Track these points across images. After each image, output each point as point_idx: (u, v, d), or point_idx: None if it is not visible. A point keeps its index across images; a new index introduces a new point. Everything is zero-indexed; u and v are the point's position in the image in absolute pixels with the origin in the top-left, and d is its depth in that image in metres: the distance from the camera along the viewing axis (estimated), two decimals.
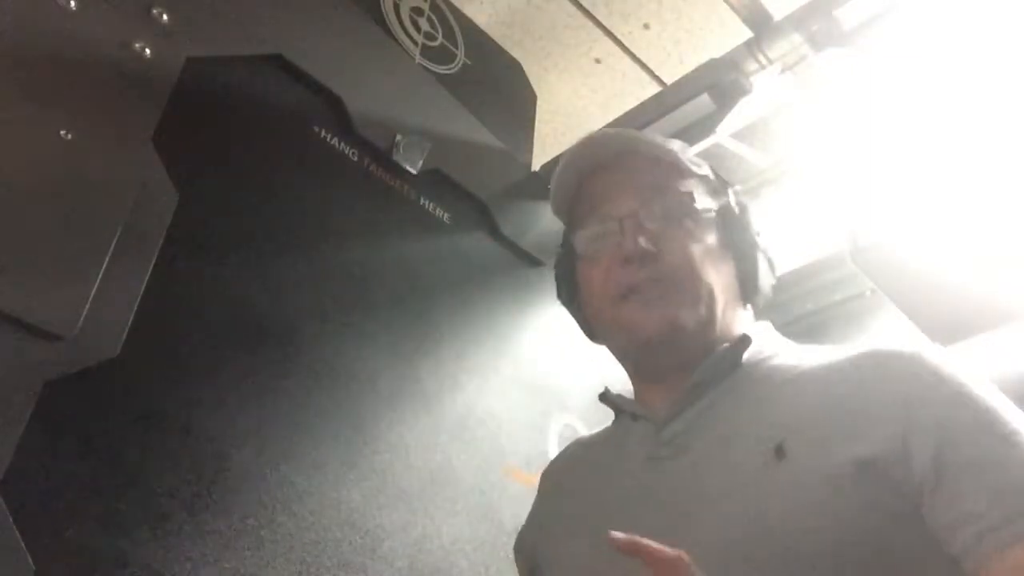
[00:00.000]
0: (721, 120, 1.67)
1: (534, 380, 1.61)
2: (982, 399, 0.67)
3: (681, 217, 0.81)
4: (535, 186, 1.87)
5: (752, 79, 1.64)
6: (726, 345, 0.79)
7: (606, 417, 0.95)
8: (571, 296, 0.90)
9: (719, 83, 1.64)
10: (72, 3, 1.10)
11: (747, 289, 0.84)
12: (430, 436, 1.36)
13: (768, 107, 1.73)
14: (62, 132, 1.03)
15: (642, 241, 0.78)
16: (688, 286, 0.78)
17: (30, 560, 0.86)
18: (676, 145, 0.87)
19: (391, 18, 1.74)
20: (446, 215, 1.61)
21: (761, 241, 0.86)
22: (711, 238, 0.82)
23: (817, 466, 0.65)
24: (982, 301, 1.51)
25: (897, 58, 1.57)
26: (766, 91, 1.66)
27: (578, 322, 0.93)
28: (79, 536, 0.92)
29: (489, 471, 1.42)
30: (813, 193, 1.98)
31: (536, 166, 1.96)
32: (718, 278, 0.80)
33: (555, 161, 1.94)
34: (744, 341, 0.79)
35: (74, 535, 0.91)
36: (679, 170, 0.84)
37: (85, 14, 1.11)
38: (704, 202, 0.83)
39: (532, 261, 1.76)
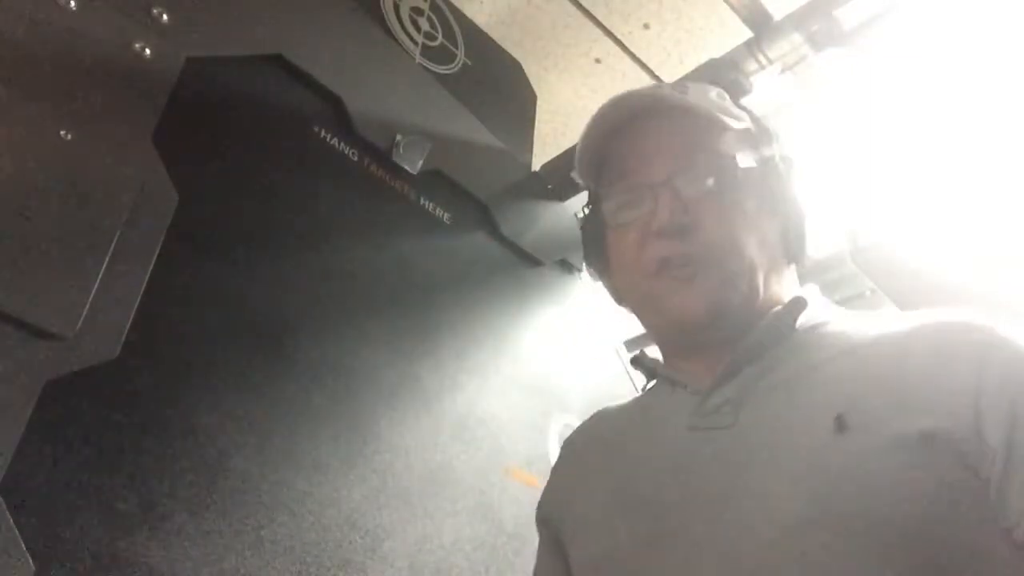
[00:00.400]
0: None
1: (534, 380, 1.62)
2: None
3: (720, 182, 0.74)
4: (535, 186, 1.88)
5: (752, 79, 1.64)
6: (778, 308, 0.73)
7: None
8: (600, 264, 0.84)
9: (719, 83, 1.63)
10: (72, 3, 1.10)
11: (792, 249, 0.78)
12: (430, 436, 1.36)
13: (768, 107, 1.73)
14: (62, 132, 1.03)
15: (678, 212, 0.72)
16: (728, 261, 0.72)
17: (30, 560, 0.86)
18: (714, 95, 0.80)
19: (391, 18, 1.74)
20: (446, 215, 1.61)
21: (805, 197, 0.79)
22: (753, 199, 0.75)
23: (880, 438, 0.61)
24: (982, 301, 1.51)
25: (897, 58, 1.57)
26: (766, 91, 1.65)
27: (607, 289, 0.87)
28: (79, 536, 0.92)
29: (489, 471, 1.42)
30: (813, 193, 1.97)
31: (536, 166, 1.96)
32: (761, 244, 0.75)
33: (555, 161, 1.94)
34: (798, 304, 0.73)
35: (74, 535, 0.91)
36: (718, 126, 0.76)
37: (85, 14, 1.11)
38: (745, 160, 0.76)
39: (532, 261, 1.76)
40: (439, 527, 1.30)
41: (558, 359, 1.69)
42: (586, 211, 0.85)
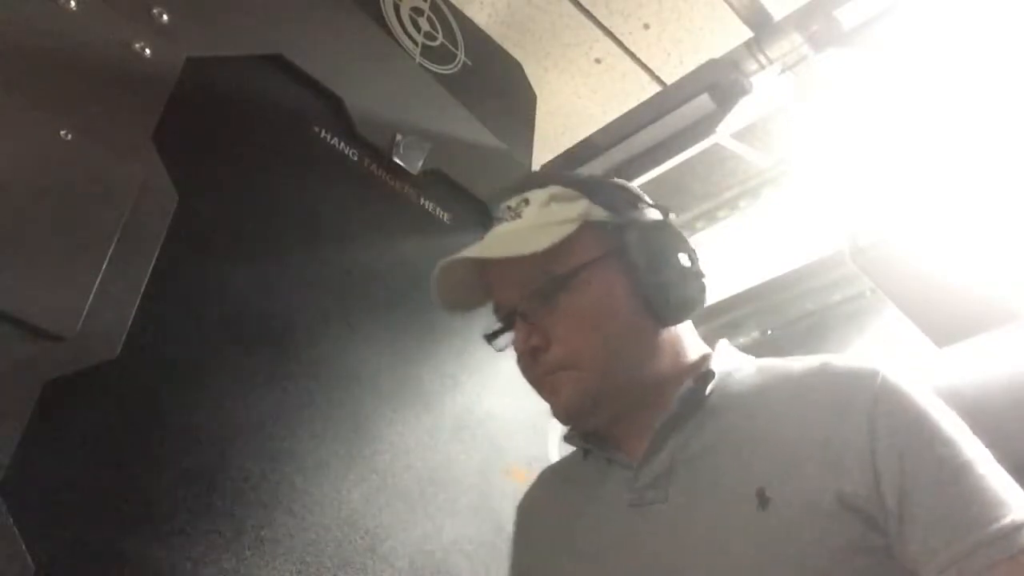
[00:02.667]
0: (721, 120, 1.67)
1: None
2: (939, 427, 0.67)
3: (562, 295, 0.80)
4: None
5: (752, 79, 1.64)
6: (689, 384, 0.78)
7: None
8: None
9: (719, 83, 1.64)
10: (72, 3, 1.10)
11: (664, 315, 0.81)
12: (430, 436, 1.36)
13: (768, 107, 1.73)
14: (62, 132, 1.03)
15: (531, 337, 0.80)
16: (587, 363, 0.78)
17: (30, 560, 0.86)
18: (550, 205, 0.83)
19: (391, 18, 1.74)
20: (446, 215, 1.61)
21: (668, 249, 0.82)
22: (605, 289, 0.80)
23: (801, 510, 0.66)
24: (982, 301, 1.51)
25: (897, 58, 1.57)
26: (766, 91, 1.66)
27: None
28: (79, 536, 0.92)
29: (489, 471, 1.42)
30: (813, 193, 1.98)
31: (536, 166, 1.96)
32: (627, 328, 0.80)
33: (555, 161, 1.94)
34: (707, 376, 0.79)
35: (74, 535, 0.91)
36: (547, 251, 0.79)
37: (85, 14, 1.11)
38: (588, 254, 0.81)
39: None
40: (439, 527, 1.30)
41: None
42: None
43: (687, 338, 0.85)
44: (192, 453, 1.05)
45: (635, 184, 0.94)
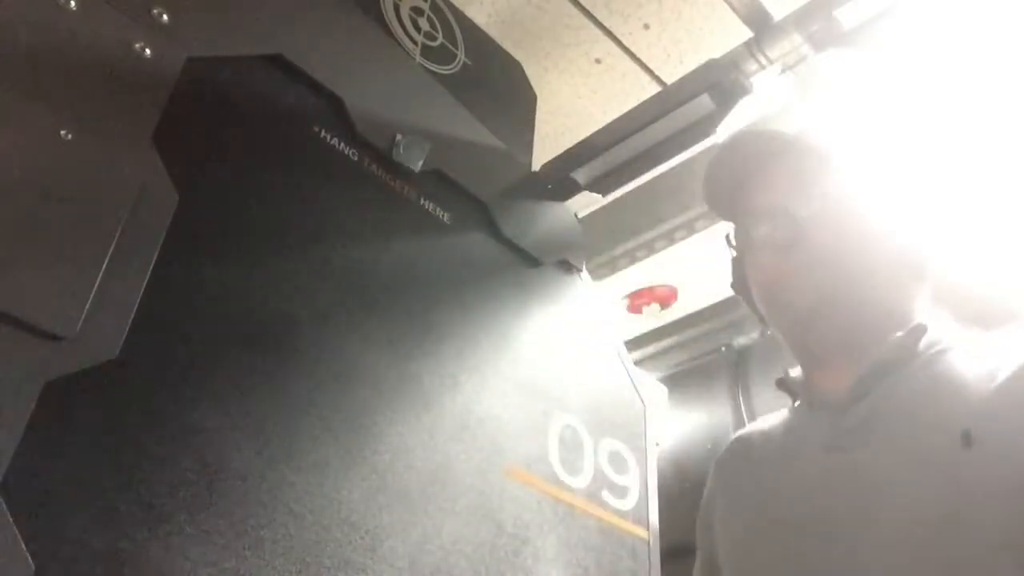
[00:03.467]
0: (721, 120, 1.66)
1: (534, 380, 1.61)
2: None
3: (832, 200, 0.81)
4: (535, 186, 1.88)
5: (752, 79, 1.64)
6: (900, 334, 0.78)
7: (605, 417, 0.96)
8: (742, 287, 0.93)
9: (719, 83, 1.64)
10: (72, 3, 1.10)
11: (914, 264, 0.83)
12: (430, 436, 1.36)
13: (768, 107, 1.73)
14: (62, 132, 1.03)
15: (790, 228, 0.81)
16: (840, 265, 0.79)
17: (30, 560, 0.86)
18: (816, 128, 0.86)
19: (391, 18, 1.74)
20: (446, 215, 1.61)
21: (914, 200, 0.85)
22: (859, 212, 0.82)
23: (1008, 450, 0.63)
24: (982, 300, 1.50)
25: (897, 58, 1.57)
26: (766, 91, 1.65)
27: (753, 311, 0.95)
28: (79, 536, 0.92)
29: (489, 471, 1.42)
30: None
31: (536, 166, 1.96)
32: (880, 255, 0.81)
33: (555, 161, 1.94)
34: (918, 330, 0.78)
35: (74, 535, 0.91)
36: (822, 155, 0.83)
37: (85, 14, 1.11)
38: (844, 183, 0.82)
39: (532, 261, 1.76)
40: (439, 527, 1.30)
41: (558, 359, 1.69)
42: (729, 244, 0.94)
43: (919, 301, 0.84)
44: (192, 453, 1.05)
45: (635, 185, 0.96)
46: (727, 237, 0.93)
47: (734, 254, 0.93)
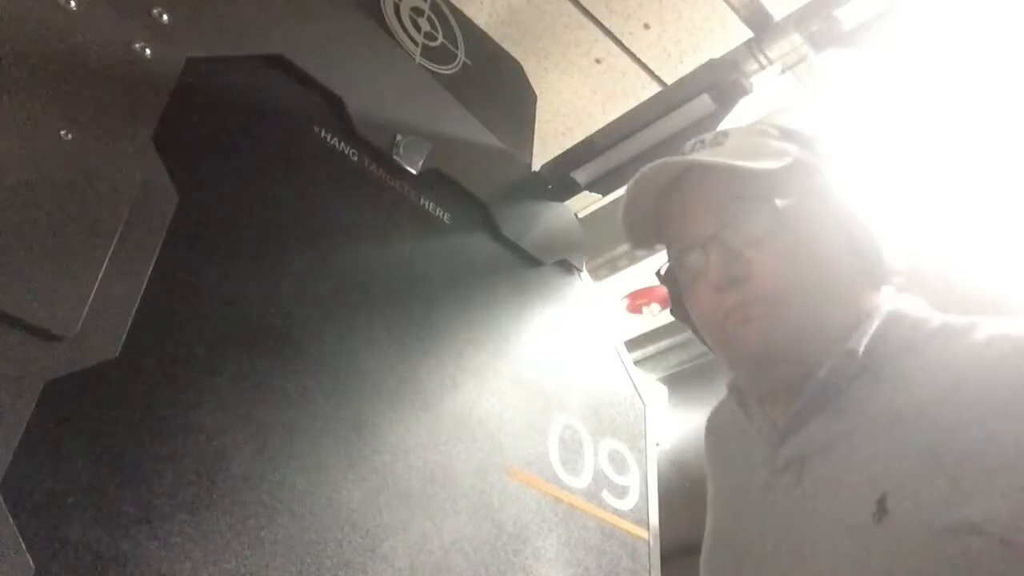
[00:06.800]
0: (721, 120, 1.67)
1: (534, 380, 1.62)
2: None
3: (769, 226, 0.74)
4: (535, 186, 1.88)
5: (752, 79, 1.64)
6: (829, 364, 0.72)
7: (605, 418, 0.96)
8: (683, 314, 0.87)
9: (719, 83, 1.64)
10: (72, 3, 1.10)
11: (867, 267, 0.76)
12: (430, 436, 1.36)
13: (768, 107, 1.73)
14: (62, 132, 1.03)
15: (729, 264, 0.74)
16: (784, 304, 0.73)
17: (30, 560, 0.86)
18: (755, 136, 0.79)
19: (391, 18, 1.74)
20: (446, 215, 1.61)
21: (868, 201, 0.77)
22: (804, 234, 0.75)
23: (918, 531, 0.58)
24: (983, 300, 1.51)
25: (897, 58, 1.57)
26: (766, 91, 1.66)
27: (696, 336, 0.89)
28: (79, 536, 0.92)
29: (489, 471, 1.42)
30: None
31: (536, 166, 1.96)
32: (826, 276, 0.74)
33: (555, 161, 1.94)
34: (851, 356, 0.71)
35: (74, 535, 0.91)
36: (759, 175, 0.75)
37: (85, 14, 1.11)
38: (785, 199, 0.75)
39: (532, 261, 1.76)
40: (439, 527, 1.30)
41: (558, 359, 1.69)
42: (662, 270, 0.87)
43: (883, 299, 0.77)
44: (192, 453, 1.05)
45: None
46: (657, 272, 0.86)
47: (665, 280, 0.87)
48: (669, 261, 0.84)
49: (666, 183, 0.80)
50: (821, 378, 0.72)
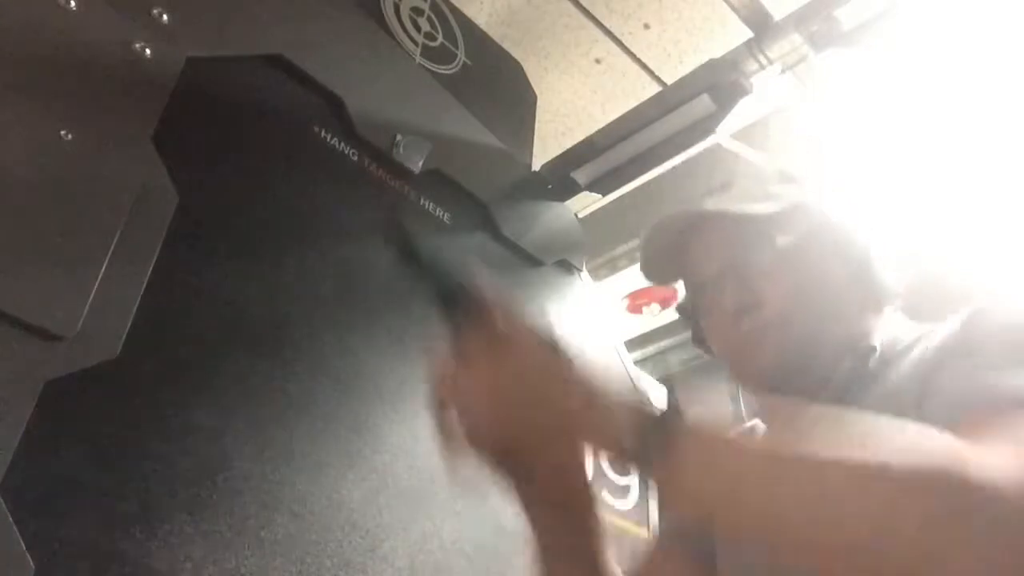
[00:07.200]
0: (721, 120, 1.67)
1: None
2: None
3: (773, 260, 0.83)
4: (535, 186, 1.87)
5: (752, 79, 1.64)
6: (826, 389, 0.79)
7: None
8: (705, 347, 0.94)
9: (719, 83, 1.63)
10: (72, 3, 1.10)
11: (869, 292, 0.84)
12: (430, 436, 1.36)
13: (768, 107, 1.73)
14: (62, 132, 1.03)
15: (742, 293, 0.82)
16: (793, 327, 0.81)
17: (30, 560, 0.86)
18: (753, 186, 0.90)
19: (391, 18, 1.74)
20: (446, 215, 1.61)
21: (864, 232, 0.86)
22: (810, 259, 0.84)
23: None
24: (982, 300, 1.50)
25: (897, 58, 1.57)
26: (766, 91, 1.66)
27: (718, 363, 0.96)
28: (79, 536, 0.92)
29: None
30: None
31: (536, 166, 1.96)
32: (832, 293, 0.82)
33: (555, 161, 1.94)
34: (839, 381, 0.79)
35: (74, 535, 0.91)
36: (771, 216, 0.84)
37: (85, 14, 1.11)
38: (792, 229, 0.84)
39: (532, 261, 1.76)
40: (439, 527, 1.30)
41: None
42: (680, 312, 0.97)
43: (878, 328, 0.84)
44: (192, 453, 1.05)
45: (635, 185, 0.97)
46: (676, 308, 0.96)
47: (685, 318, 0.95)
48: (687, 296, 0.93)
49: (681, 228, 0.90)
50: (835, 384, 0.79)
